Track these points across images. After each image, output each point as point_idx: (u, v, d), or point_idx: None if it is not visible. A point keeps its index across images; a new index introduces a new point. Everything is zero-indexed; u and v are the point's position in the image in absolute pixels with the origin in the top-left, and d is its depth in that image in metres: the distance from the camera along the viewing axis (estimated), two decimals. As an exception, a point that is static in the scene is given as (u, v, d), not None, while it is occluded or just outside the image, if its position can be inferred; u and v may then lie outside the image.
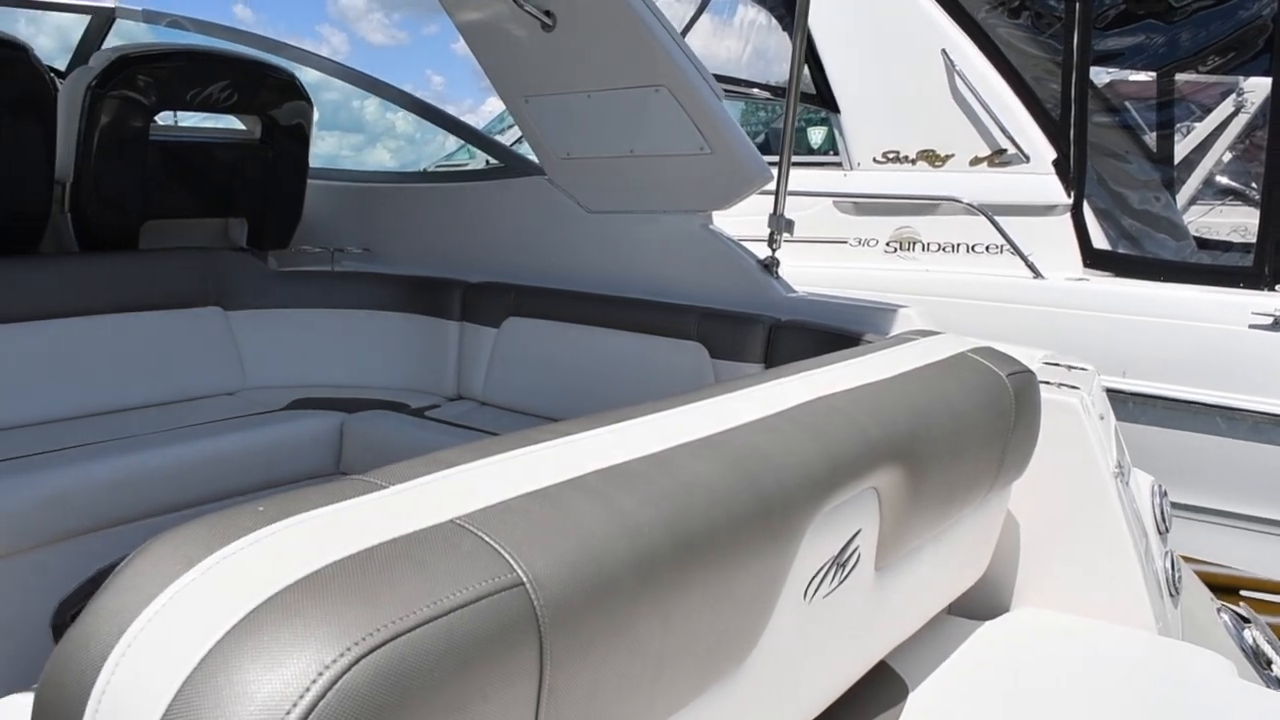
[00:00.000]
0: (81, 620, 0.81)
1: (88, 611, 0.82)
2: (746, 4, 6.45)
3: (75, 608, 2.80)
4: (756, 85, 6.37)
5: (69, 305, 3.35)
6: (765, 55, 6.38)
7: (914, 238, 5.35)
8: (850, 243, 5.50)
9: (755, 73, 6.32)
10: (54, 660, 0.80)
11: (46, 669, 0.80)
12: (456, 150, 6.96)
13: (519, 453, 1.11)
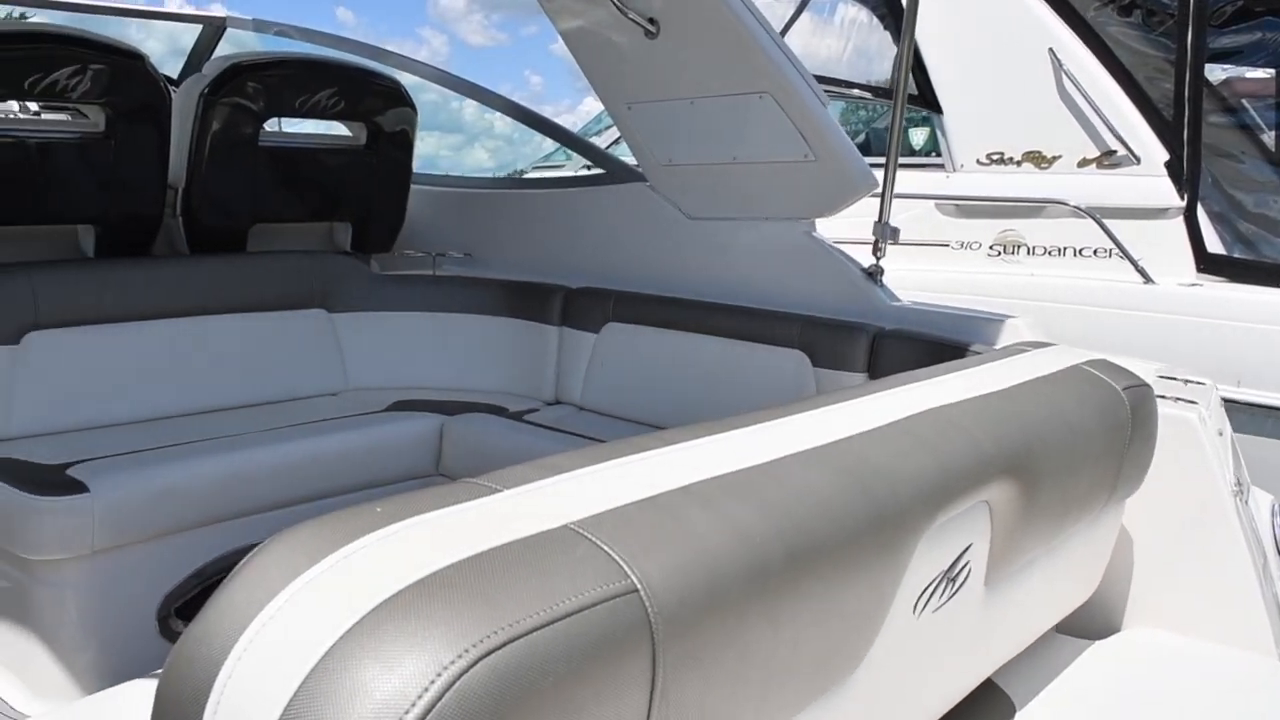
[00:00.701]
0: (203, 616, 0.85)
1: (210, 607, 0.85)
2: (847, 2, 6.40)
3: (180, 601, 2.90)
4: (857, 86, 6.31)
5: (179, 306, 3.47)
6: (866, 54, 6.32)
7: (1018, 241, 5.26)
8: (952, 246, 5.43)
9: (856, 72, 6.26)
10: (175, 654, 0.84)
11: (168, 662, 0.84)
12: (554, 151, 7.01)
13: (630, 459, 1.13)
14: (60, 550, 2.64)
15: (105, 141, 3.35)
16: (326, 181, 3.90)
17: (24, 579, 2.71)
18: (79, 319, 3.25)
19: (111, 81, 3.26)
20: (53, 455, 2.88)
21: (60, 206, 3.36)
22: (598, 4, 3.06)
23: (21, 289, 3.13)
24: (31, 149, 3.23)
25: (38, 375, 3.14)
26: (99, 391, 3.25)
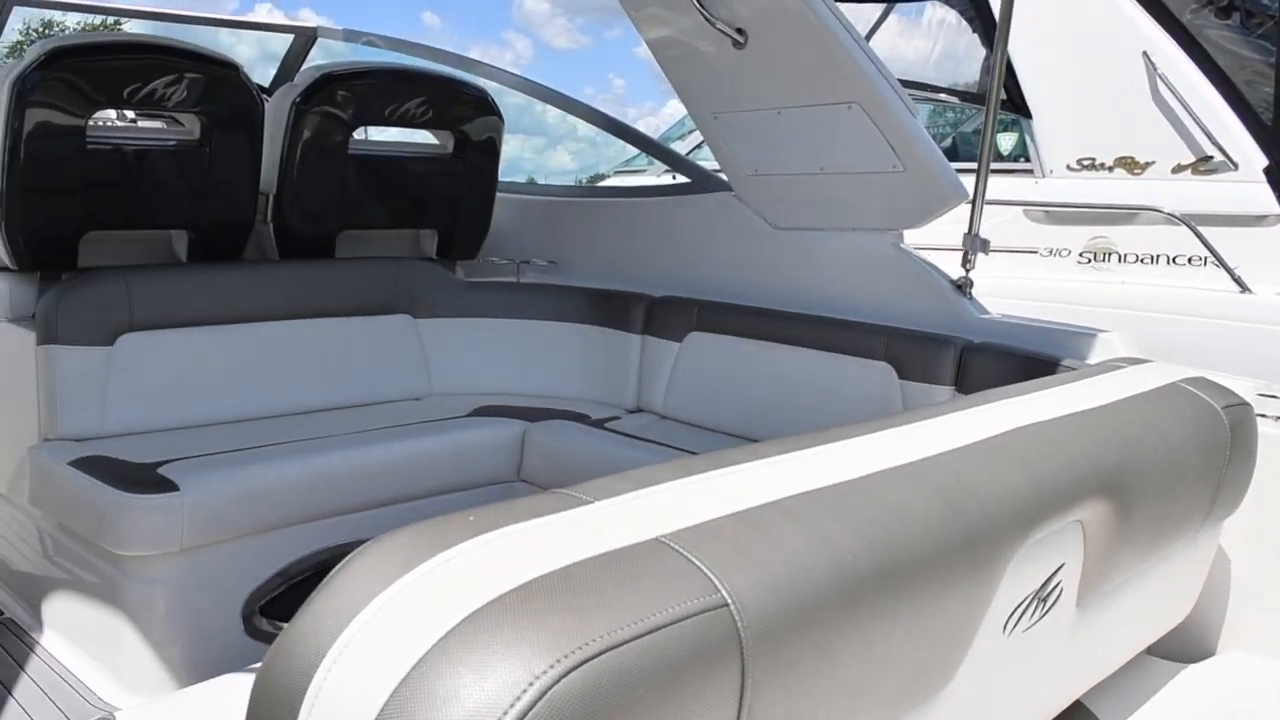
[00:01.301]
0: (300, 617, 0.87)
1: (306, 609, 0.88)
2: (935, 4, 6.34)
3: (264, 599, 2.97)
4: (944, 90, 6.26)
5: (269, 310, 3.55)
6: (954, 56, 6.26)
7: (1109, 248, 5.18)
8: (1041, 253, 5.36)
9: (943, 74, 6.21)
10: (272, 654, 0.86)
11: (265, 661, 0.87)
12: (637, 155, 7.04)
13: (720, 473, 1.14)
14: (150, 547, 2.72)
15: (200, 149, 3.44)
16: (413, 189, 3.96)
17: (115, 574, 2.80)
18: (172, 322, 3.34)
19: (207, 90, 3.35)
20: (144, 454, 2.97)
21: (156, 212, 3.46)
22: (685, 14, 3.08)
23: (118, 292, 3.23)
24: (129, 156, 3.33)
25: (131, 376, 3.23)
26: (190, 392, 3.34)
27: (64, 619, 3.05)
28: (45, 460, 2.97)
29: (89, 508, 2.76)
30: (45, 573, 3.15)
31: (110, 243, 3.47)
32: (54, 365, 3.12)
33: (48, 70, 3.07)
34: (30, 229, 3.17)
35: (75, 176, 3.21)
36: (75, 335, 3.15)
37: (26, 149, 3.08)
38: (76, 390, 3.14)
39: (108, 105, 3.34)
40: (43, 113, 3.08)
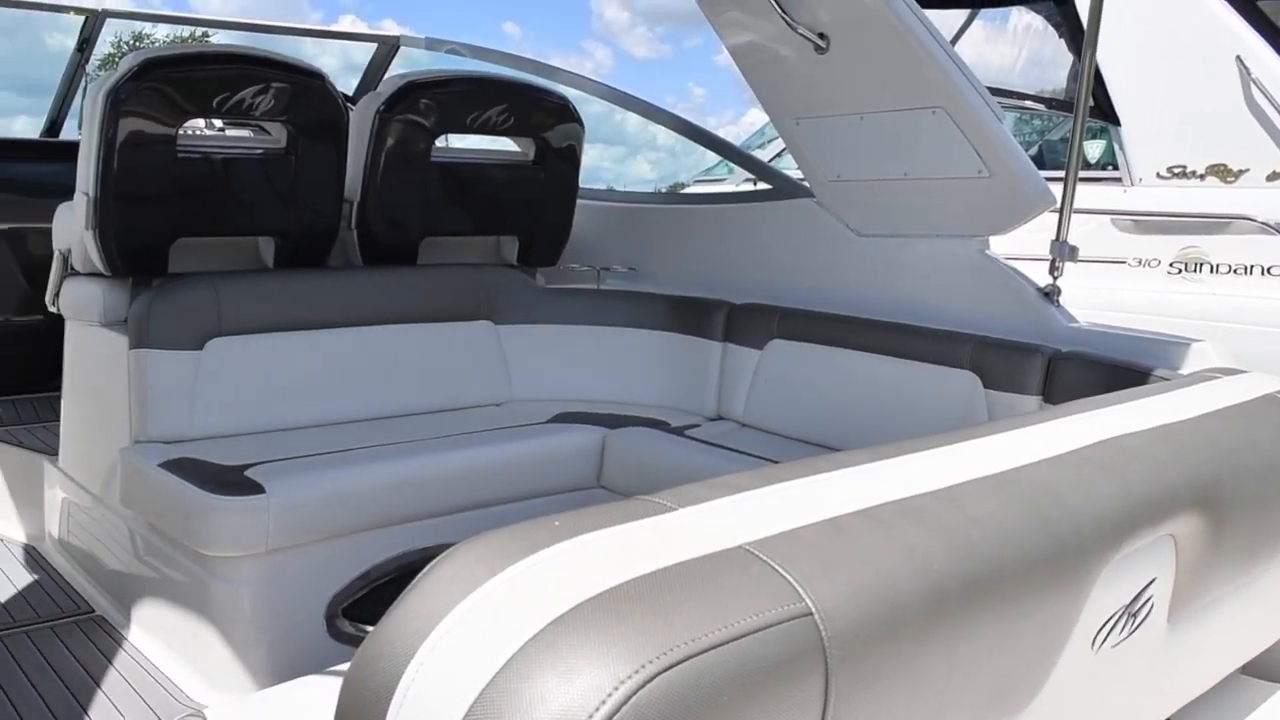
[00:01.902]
0: (389, 619, 0.89)
1: (395, 611, 0.89)
2: (1021, 9, 6.26)
3: (347, 601, 3.02)
4: (1029, 97, 6.17)
5: (353, 315, 3.61)
6: (1040, 62, 6.17)
7: (1201, 258, 5.06)
8: (1129, 263, 5.25)
9: (1029, 81, 6.12)
10: (361, 655, 0.88)
11: (354, 661, 0.89)
12: (717, 164, 7.05)
13: (804, 481, 1.14)
14: (237, 548, 2.79)
15: (286, 157, 3.52)
16: (495, 196, 4.00)
17: (203, 574, 2.87)
18: (259, 326, 3.41)
19: (293, 99, 3.42)
20: (232, 456, 3.04)
21: (243, 219, 3.54)
22: (767, 19, 3.08)
23: (207, 297, 3.31)
24: (217, 164, 3.42)
25: (219, 380, 3.31)
26: (275, 396, 3.41)
27: (152, 617, 3.13)
28: (136, 462, 3.05)
29: (178, 508, 2.83)
30: (135, 572, 3.23)
31: (199, 249, 3.56)
32: (145, 369, 3.20)
33: (140, 81, 3.16)
34: (123, 236, 3.26)
35: (166, 184, 3.29)
36: (166, 340, 3.23)
37: (120, 158, 3.16)
38: (166, 393, 3.22)
39: (197, 115, 3.41)
40: (135, 122, 3.16)
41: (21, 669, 3.00)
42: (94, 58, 5.10)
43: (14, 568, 3.77)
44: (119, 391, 3.28)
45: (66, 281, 3.68)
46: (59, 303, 3.75)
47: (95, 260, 3.34)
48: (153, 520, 3.04)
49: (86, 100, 3.33)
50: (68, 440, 3.76)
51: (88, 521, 3.57)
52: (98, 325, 3.44)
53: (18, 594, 3.53)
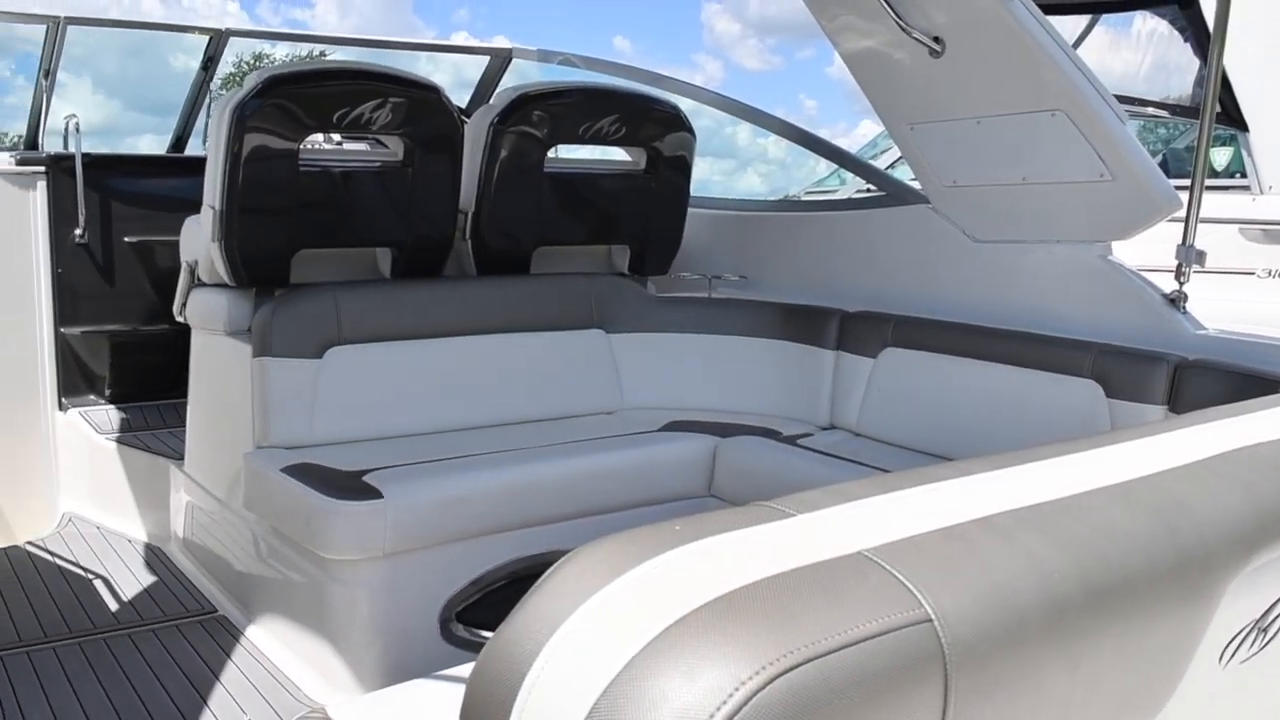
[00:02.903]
0: (512, 620, 0.91)
1: (518, 611, 0.91)
2: (1144, 14, 6.12)
3: (460, 606, 3.07)
4: (1152, 104, 6.03)
5: (467, 324, 3.68)
6: (1165, 68, 6.02)
7: (1337, 268, 4.90)
8: (1258, 274, 5.11)
9: (1154, 87, 5.98)
10: (487, 653, 0.90)
11: (479, 660, 0.91)
12: (827, 176, 7.03)
13: (922, 488, 1.14)
14: (355, 551, 2.86)
15: (403, 170, 3.61)
16: (607, 206, 4.05)
17: (322, 576, 2.95)
18: (376, 335, 3.50)
19: (410, 113, 3.51)
20: (350, 462, 3.12)
21: (362, 231, 3.64)
22: (881, 24, 3.07)
23: (327, 307, 3.41)
24: (337, 177, 3.52)
25: (338, 387, 3.40)
26: (392, 403, 3.50)
27: (272, 618, 3.23)
28: (259, 466, 3.15)
29: (299, 512, 2.92)
30: (257, 573, 3.34)
31: (320, 260, 3.67)
32: (268, 376, 3.31)
33: (264, 98, 3.27)
34: (247, 248, 3.38)
35: (288, 197, 3.40)
36: (287, 348, 3.34)
37: (244, 172, 3.28)
38: (288, 400, 3.32)
39: (318, 129, 3.52)
40: (259, 137, 3.27)
41: (149, 665, 3.12)
42: (216, 76, 5.29)
43: (141, 568, 3.93)
44: (242, 398, 3.39)
45: (193, 292, 3.82)
46: (186, 312, 3.90)
47: (221, 271, 3.46)
48: (274, 523, 3.13)
49: (212, 117, 3.46)
50: (193, 445, 3.90)
51: (211, 524, 3.70)
52: (222, 334, 3.56)
53: (144, 593, 3.67)
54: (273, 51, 30.14)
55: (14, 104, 5.68)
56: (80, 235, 4.69)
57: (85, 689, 2.98)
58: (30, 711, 2.86)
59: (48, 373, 4.71)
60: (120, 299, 4.83)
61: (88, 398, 4.79)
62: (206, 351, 3.78)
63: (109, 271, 4.80)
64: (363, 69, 3.56)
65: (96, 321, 4.77)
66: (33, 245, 4.65)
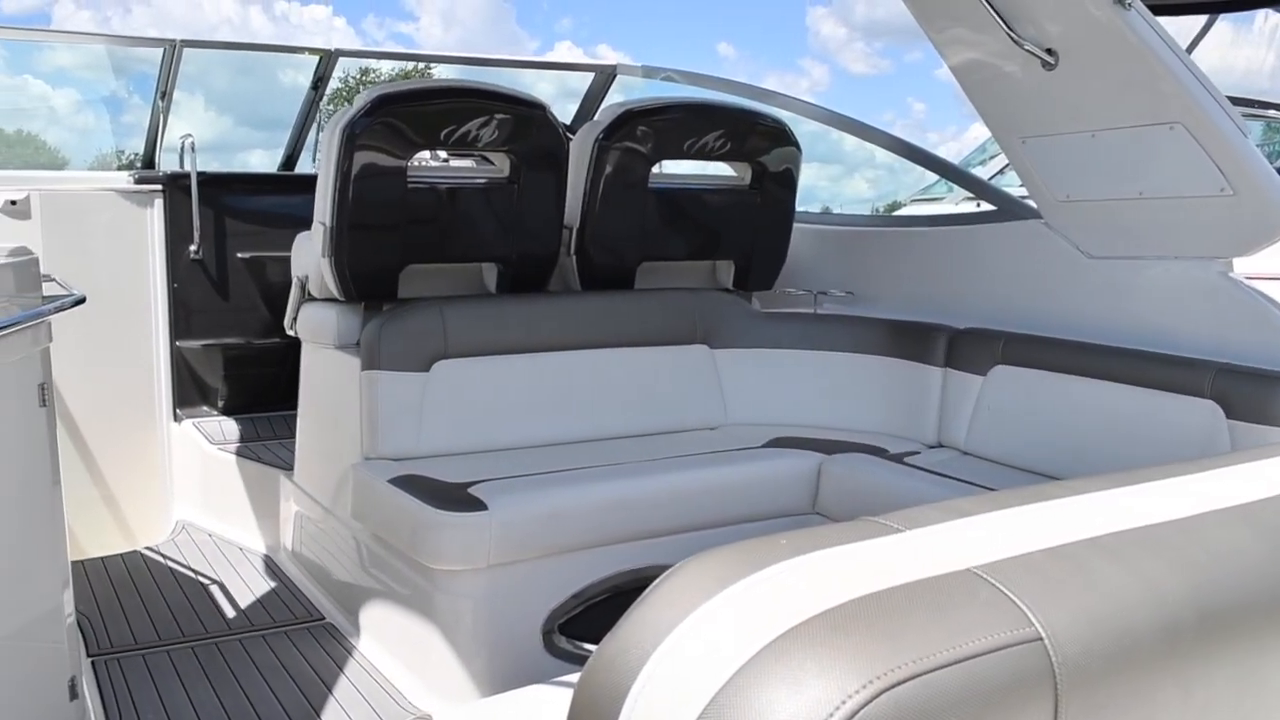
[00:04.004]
0: (621, 628, 0.93)
1: (626, 621, 0.93)
2: (1271, 10, 5.94)
3: (563, 618, 3.12)
4: (1274, 106, 5.87)
5: (571, 339, 3.74)
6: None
7: None
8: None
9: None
10: (592, 663, 0.93)
11: (586, 668, 0.93)
12: (935, 182, 6.94)
13: (1033, 507, 1.14)
14: (460, 562, 2.93)
15: (509, 186, 3.68)
16: (711, 221, 4.07)
17: (427, 586, 3.03)
18: (482, 350, 3.57)
19: (515, 130, 3.58)
20: (455, 474, 3.19)
21: (468, 246, 3.72)
22: (991, 36, 3.05)
23: (433, 322, 3.49)
24: (444, 194, 3.60)
25: (443, 400, 3.48)
26: (497, 417, 3.56)
27: (378, 625, 3.31)
28: (366, 477, 3.24)
29: (405, 523, 2.99)
30: (362, 582, 3.42)
31: (427, 275, 3.76)
32: (376, 389, 3.40)
33: (373, 116, 3.36)
34: (356, 263, 3.48)
35: (397, 214, 3.49)
36: (395, 362, 3.43)
37: (354, 189, 3.38)
38: (395, 413, 3.41)
39: (426, 147, 3.60)
40: (369, 155, 3.37)
41: (259, 670, 3.23)
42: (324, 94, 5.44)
43: (253, 575, 4.06)
44: (351, 411, 3.49)
45: (304, 307, 3.94)
46: (296, 326, 4.02)
47: (331, 286, 3.57)
48: (380, 533, 3.21)
49: (323, 135, 3.57)
50: (302, 456, 4.02)
51: (319, 533, 3.80)
52: (332, 348, 3.66)
53: (255, 600, 3.80)
54: (379, 68, 30.73)
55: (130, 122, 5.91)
56: (195, 251, 4.87)
57: (198, 692, 3.09)
58: (145, 713, 2.98)
59: (164, 385, 4.90)
60: (233, 313, 4.99)
61: (201, 409, 4.96)
62: (316, 365, 3.90)
63: (223, 286, 4.97)
64: (470, 87, 3.64)
65: (210, 335, 4.95)
66: (150, 261, 4.84)
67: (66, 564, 2.78)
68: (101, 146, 8.06)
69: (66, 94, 14.52)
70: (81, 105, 12.58)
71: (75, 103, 13.02)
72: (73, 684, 2.72)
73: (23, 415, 2.50)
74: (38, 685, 2.56)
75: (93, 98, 9.94)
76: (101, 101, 7.75)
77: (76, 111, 12.91)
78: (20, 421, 2.49)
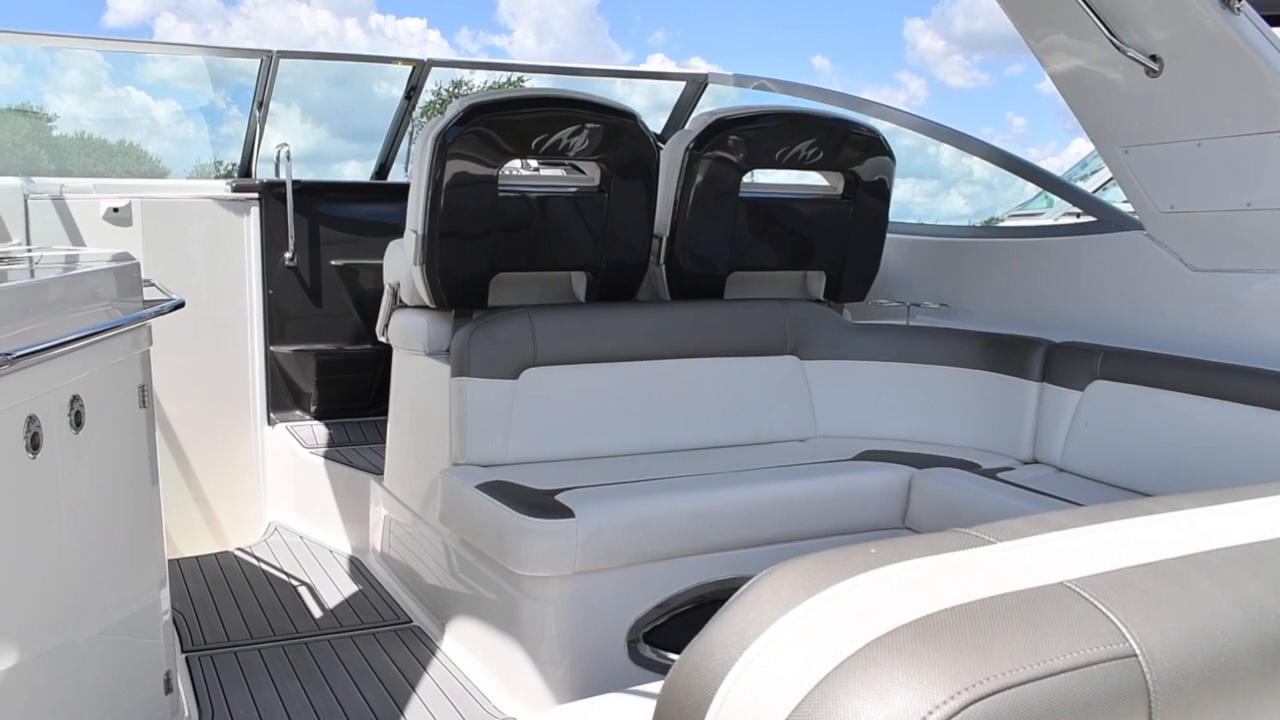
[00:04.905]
0: (706, 633, 0.94)
1: (711, 627, 0.94)
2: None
3: (647, 628, 3.13)
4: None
5: (660, 349, 3.76)
6: None
7: None
8: None
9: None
10: (678, 668, 0.94)
11: (671, 673, 0.94)
12: (1034, 198, 6.84)
13: (1129, 522, 1.12)
14: (546, 568, 2.96)
15: (600, 195, 3.72)
16: (803, 231, 4.07)
17: (513, 592, 3.07)
18: (570, 358, 3.61)
19: (606, 139, 3.62)
20: (543, 481, 3.24)
21: (558, 255, 3.76)
22: (1093, 43, 3.01)
23: (523, 330, 3.54)
24: (534, 203, 3.65)
25: (532, 408, 3.53)
26: (584, 425, 3.60)
27: (464, 629, 3.36)
28: (455, 483, 3.29)
29: (493, 529, 3.04)
30: (449, 586, 3.48)
31: (516, 283, 3.81)
32: (466, 396, 3.45)
33: (465, 125, 3.42)
34: (448, 271, 3.54)
35: (488, 222, 3.55)
36: (485, 369, 3.48)
37: (446, 198, 3.44)
38: (485, 420, 3.46)
39: (517, 156, 3.66)
40: (460, 164, 3.43)
41: (346, 670, 3.30)
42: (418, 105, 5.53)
43: (341, 577, 4.14)
44: (440, 417, 3.55)
45: (395, 313, 4.02)
46: (388, 333, 4.10)
47: (422, 294, 3.64)
48: (468, 538, 3.26)
49: (416, 144, 3.64)
50: (391, 461, 4.10)
51: (407, 537, 3.87)
52: (422, 354, 3.73)
53: (344, 602, 3.88)
54: (470, 79, 31.08)
55: (227, 133, 6.06)
56: (290, 259, 4.99)
57: (288, 689, 3.17)
58: (236, 708, 3.06)
59: (258, 389, 5.02)
60: (326, 319, 5.10)
61: (294, 413, 5.08)
62: (407, 371, 3.97)
63: (316, 293, 5.08)
64: (561, 96, 3.68)
65: (303, 341, 5.06)
66: (246, 268, 4.97)
67: (164, 562, 2.87)
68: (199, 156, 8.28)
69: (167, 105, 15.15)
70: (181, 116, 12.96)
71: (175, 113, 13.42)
72: (168, 678, 2.81)
73: (124, 416, 2.60)
74: (135, 678, 2.65)
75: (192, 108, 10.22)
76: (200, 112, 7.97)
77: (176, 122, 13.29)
78: (122, 422, 2.58)
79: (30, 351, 1.89)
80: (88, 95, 13.39)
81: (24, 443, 1.98)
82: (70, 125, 9.36)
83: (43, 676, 2.08)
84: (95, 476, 2.38)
